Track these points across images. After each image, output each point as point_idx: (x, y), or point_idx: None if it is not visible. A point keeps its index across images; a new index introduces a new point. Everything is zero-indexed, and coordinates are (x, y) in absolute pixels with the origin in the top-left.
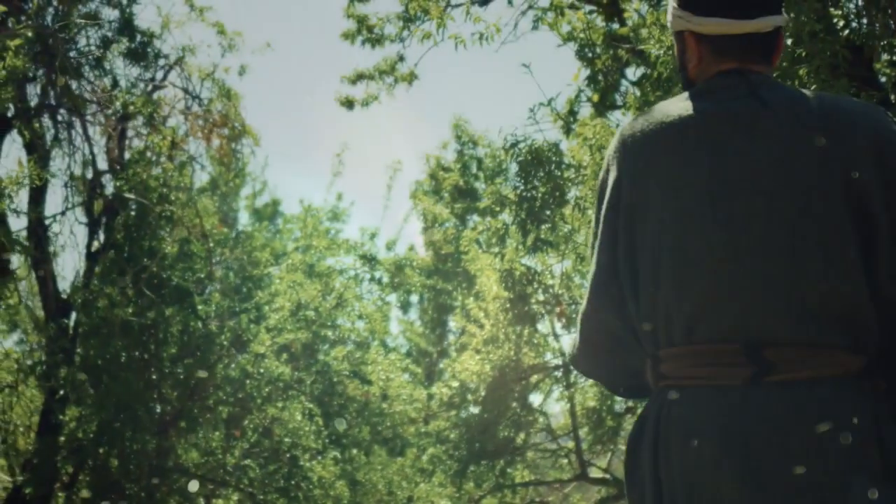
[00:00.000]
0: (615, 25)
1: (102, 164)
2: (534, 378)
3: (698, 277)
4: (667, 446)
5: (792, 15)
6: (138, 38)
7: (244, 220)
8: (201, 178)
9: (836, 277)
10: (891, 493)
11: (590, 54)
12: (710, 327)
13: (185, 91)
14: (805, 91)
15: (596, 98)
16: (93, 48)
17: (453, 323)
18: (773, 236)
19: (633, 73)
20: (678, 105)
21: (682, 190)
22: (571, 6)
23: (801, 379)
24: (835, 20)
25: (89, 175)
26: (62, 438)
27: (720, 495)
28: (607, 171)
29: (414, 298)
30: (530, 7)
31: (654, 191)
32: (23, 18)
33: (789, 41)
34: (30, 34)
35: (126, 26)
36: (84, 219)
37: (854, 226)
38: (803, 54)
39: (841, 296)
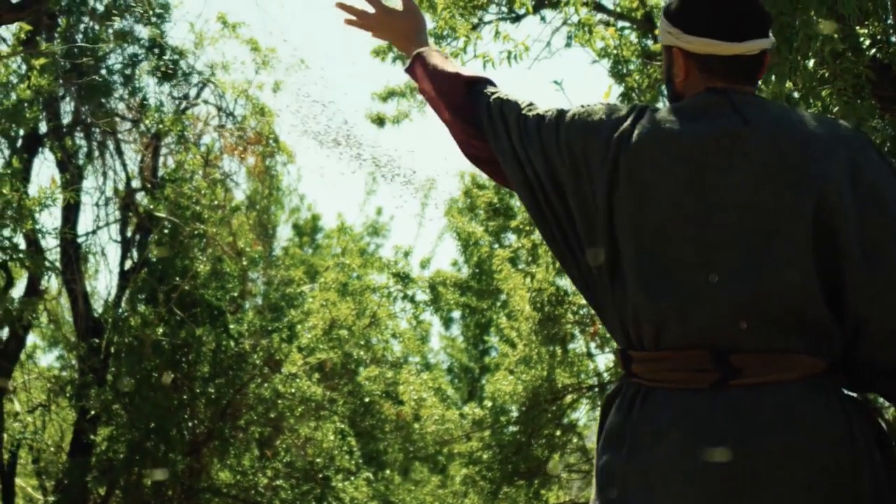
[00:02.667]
0: (649, 42)
1: (135, 182)
2: (568, 398)
3: (669, 287)
4: (634, 440)
5: (819, 40)
6: (168, 55)
7: (286, 235)
8: (236, 195)
9: (800, 294)
10: (861, 485)
11: (623, 71)
12: (678, 335)
13: (219, 108)
14: (790, 110)
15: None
16: (123, 65)
17: (495, 339)
18: (743, 252)
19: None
20: (665, 118)
21: (660, 201)
22: (605, 22)
23: (768, 382)
24: (861, 39)
25: (123, 193)
26: (93, 459)
27: (686, 495)
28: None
29: (456, 314)
30: (564, 23)
31: (633, 195)
32: (55, 35)
33: (811, 62)
34: (58, 52)
35: (155, 44)
36: (118, 237)
37: (823, 247)
38: (825, 75)
39: (804, 310)
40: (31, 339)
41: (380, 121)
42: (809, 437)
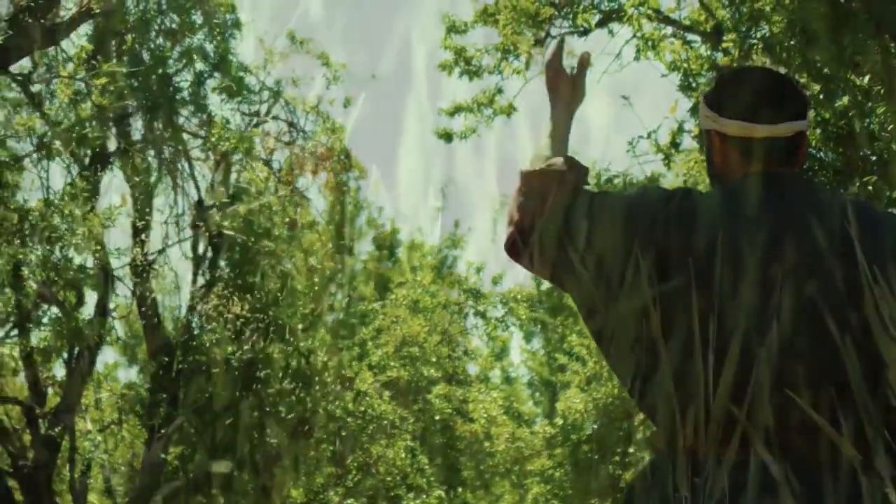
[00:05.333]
0: (718, 55)
1: (206, 199)
2: (641, 415)
3: (720, 362)
4: None
5: (875, 54)
6: (234, 72)
7: (366, 250)
8: (310, 211)
9: (851, 372)
10: None
11: (693, 84)
12: (729, 409)
13: (290, 124)
14: (828, 191)
15: (697, 130)
16: (190, 82)
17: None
18: (795, 330)
19: None
20: (712, 202)
21: (711, 281)
22: (673, 35)
23: (815, 463)
24: None
25: (193, 210)
26: (164, 477)
27: None
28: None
29: (536, 327)
30: (634, 36)
31: (682, 276)
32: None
33: (866, 78)
34: (124, 71)
35: (222, 62)
36: (190, 254)
37: (870, 325)
38: (881, 91)
39: (853, 389)
40: (112, 356)
41: (447, 136)
42: None
